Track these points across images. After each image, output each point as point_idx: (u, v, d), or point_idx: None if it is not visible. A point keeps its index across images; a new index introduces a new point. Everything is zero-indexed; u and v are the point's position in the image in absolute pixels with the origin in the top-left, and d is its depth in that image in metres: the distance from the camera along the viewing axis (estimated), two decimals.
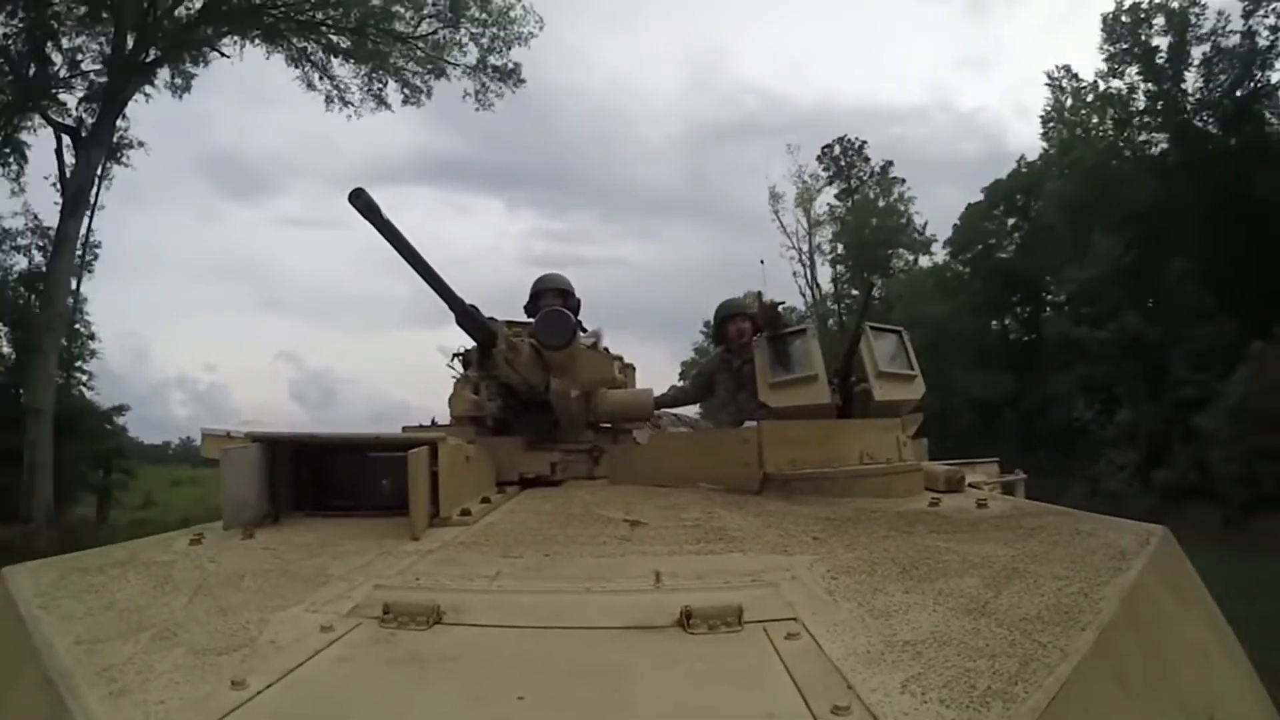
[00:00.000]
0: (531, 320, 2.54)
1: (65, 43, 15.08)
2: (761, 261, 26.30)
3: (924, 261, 27.94)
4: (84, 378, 17.02)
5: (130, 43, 14.93)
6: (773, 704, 0.87)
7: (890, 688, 0.89)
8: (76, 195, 14.37)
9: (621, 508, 1.87)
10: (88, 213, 15.69)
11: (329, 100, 16.75)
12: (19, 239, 16.13)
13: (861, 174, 29.72)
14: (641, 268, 41.91)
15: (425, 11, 15.95)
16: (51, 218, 15.63)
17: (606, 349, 2.74)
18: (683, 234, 45.95)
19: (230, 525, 1.75)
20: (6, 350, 15.84)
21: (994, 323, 22.73)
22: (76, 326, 16.47)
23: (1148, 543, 1.50)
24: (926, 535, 1.59)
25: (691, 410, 3.78)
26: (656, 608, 1.13)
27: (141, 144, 16.36)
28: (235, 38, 15.99)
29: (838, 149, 29.66)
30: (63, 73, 15.16)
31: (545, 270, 3.53)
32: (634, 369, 3.10)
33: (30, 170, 15.79)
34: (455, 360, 2.69)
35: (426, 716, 0.90)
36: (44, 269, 15.52)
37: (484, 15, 15.90)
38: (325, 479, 1.95)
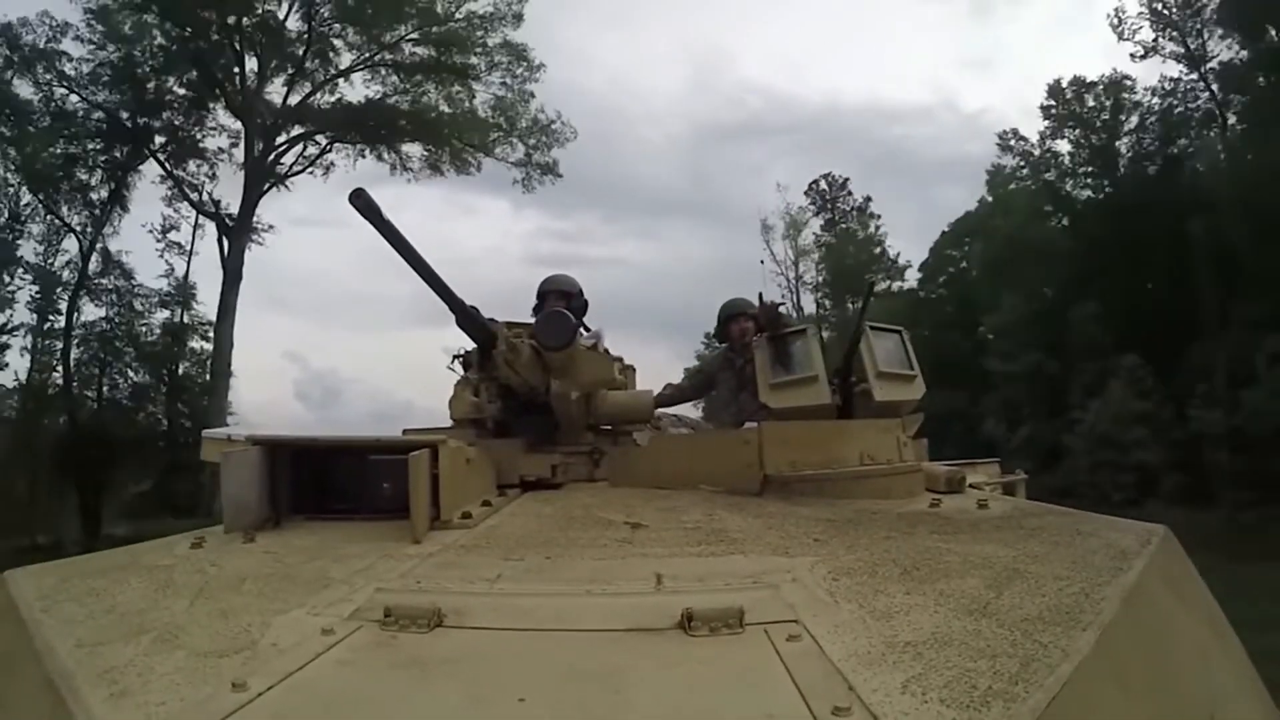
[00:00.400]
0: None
1: (166, 116, 19.76)
2: (762, 261, 27.12)
3: (895, 287, 30.57)
4: (226, 405, 20.61)
5: (257, 145, 19.79)
6: (774, 705, 0.87)
7: (891, 688, 0.89)
8: (232, 273, 19.48)
9: (622, 510, 1.87)
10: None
11: (393, 169, 21.13)
12: (161, 296, 20.51)
13: (844, 206, 32.58)
14: (643, 268, 41.71)
15: (489, 125, 20.64)
16: (152, 259, 20.56)
17: (607, 350, 2.74)
18: (684, 234, 45.87)
19: (231, 529, 1.74)
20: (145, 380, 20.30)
21: (965, 341, 24.33)
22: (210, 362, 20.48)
23: (1149, 543, 1.50)
24: (927, 536, 1.58)
25: (694, 411, 3.77)
26: (657, 610, 1.13)
27: (271, 226, 20.87)
28: (347, 150, 20.95)
29: (823, 184, 32.40)
30: (159, 134, 19.84)
31: (549, 270, 3.57)
32: (634, 370, 3.09)
33: (129, 220, 20.28)
34: (456, 362, 2.68)
35: (427, 718, 0.90)
36: (182, 319, 20.69)
37: (532, 126, 20.99)
38: (326, 482, 1.95)
